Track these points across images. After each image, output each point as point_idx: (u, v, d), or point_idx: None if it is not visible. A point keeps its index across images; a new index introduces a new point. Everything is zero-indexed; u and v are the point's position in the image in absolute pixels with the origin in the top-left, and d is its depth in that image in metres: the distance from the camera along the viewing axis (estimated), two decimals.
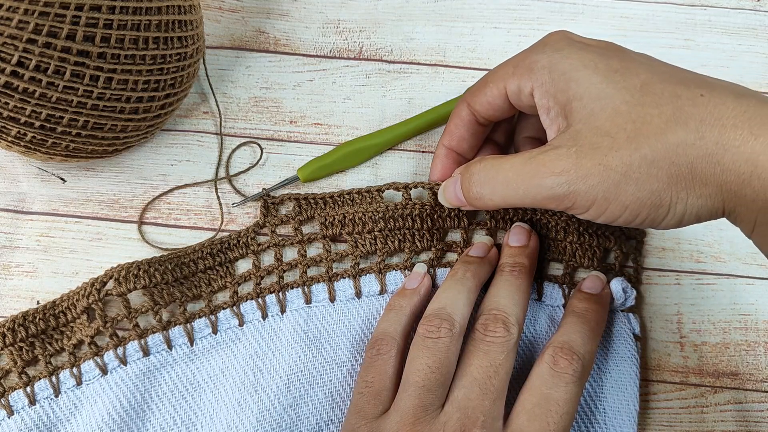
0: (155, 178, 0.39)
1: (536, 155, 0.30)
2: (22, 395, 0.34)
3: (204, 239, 0.38)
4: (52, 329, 0.35)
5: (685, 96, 0.28)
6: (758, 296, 0.38)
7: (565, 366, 0.31)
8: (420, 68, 0.42)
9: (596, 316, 0.33)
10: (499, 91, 0.33)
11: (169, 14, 0.33)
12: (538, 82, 0.31)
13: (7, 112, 0.31)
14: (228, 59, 0.42)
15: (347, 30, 0.43)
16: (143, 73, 0.33)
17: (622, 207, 0.29)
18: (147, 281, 0.35)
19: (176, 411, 0.35)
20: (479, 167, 0.32)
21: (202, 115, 0.41)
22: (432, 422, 0.30)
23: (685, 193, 0.28)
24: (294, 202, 0.38)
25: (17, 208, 0.39)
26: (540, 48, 0.32)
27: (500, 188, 0.31)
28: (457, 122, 0.36)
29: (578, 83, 0.30)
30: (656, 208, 0.28)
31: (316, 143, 0.40)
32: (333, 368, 0.35)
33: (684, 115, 0.28)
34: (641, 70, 0.29)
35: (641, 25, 0.43)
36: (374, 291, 0.37)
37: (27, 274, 0.38)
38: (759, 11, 0.43)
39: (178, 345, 0.36)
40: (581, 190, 0.29)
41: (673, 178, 0.28)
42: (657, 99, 0.28)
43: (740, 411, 0.36)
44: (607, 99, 0.29)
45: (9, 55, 0.29)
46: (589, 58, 0.30)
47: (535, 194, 0.30)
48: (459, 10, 0.43)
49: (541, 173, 0.29)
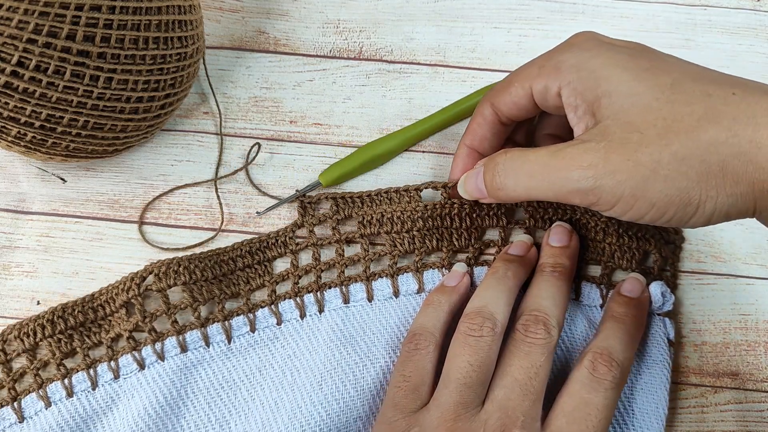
0: (155, 178, 0.39)
1: (563, 148, 0.30)
2: (60, 387, 0.34)
3: (204, 238, 0.38)
4: (90, 322, 0.36)
5: (716, 94, 0.28)
6: (758, 296, 0.38)
7: (604, 372, 0.31)
8: (420, 68, 0.42)
9: (635, 321, 0.33)
10: (525, 91, 0.33)
11: (169, 14, 0.33)
12: (566, 81, 0.31)
13: (7, 112, 0.31)
14: (228, 59, 0.42)
15: (347, 30, 0.43)
16: (143, 73, 0.33)
17: (650, 204, 0.28)
18: (187, 278, 0.35)
19: (211, 408, 0.35)
20: (505, 158, 0.32)
21: (202, 115, 0.41)
22: (472, 420, 0.30)
23: (715, 192, 0.27)
24: (331, 201, 0.38)
25: (17, 208, 0.39)
26: (567, 48, 0.32)
27: (524, 179, 0.31)
28: (480, 121, 0.36)
29: (608, 81, 0.29)
30: (684, 206, 0.28)
31: (316, 143, 0.40)
32: (366, 366, 0.35)
33: (716, 113, 0.27)
34: (671, 69, 0.29)
35: (641, 25, 0.43)
36: (412, 290, 0.37)
37: (27, 274, 0.38)
38: (759, 11, 0.43)
39: (216, 342, 0.36)
40: (608, 185, 0.28)
41: (703, 176, 0.27)
42: (688, 97, 0.28)
43: (740, 411, 0.36)
44: (638, 96, 0.29)
45: (9, 55, 0.29)
46: (618, 57, 0.30)
47: (560, 187, 0.29)
48: (459, 10, 0.43)
49: (567, 166, 0.29)
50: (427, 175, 0.40)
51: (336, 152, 0.40)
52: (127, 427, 0.34)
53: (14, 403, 0.34)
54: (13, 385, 0.35)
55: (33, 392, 0.34)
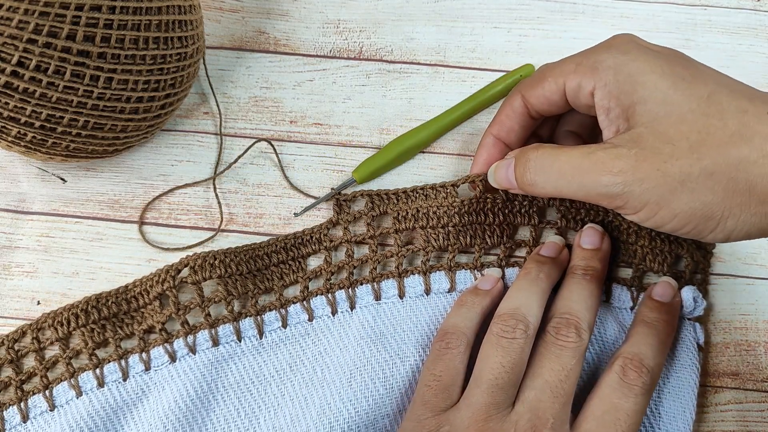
0: (155, 178, 0.39)
1: (595, 151, 0.30)
2: (91, 377, 0.35)
3: (204, 238, 0.38)
4: (123, 313, 0.36)
5: (751, 112, 0.28)
6: (758, 296, 0.38)
7: (634, 378, 0.31)
8: (420, 68, 0.42)
9: (666, 327, 0.33)
10: (558, 87, 0.33)
11: (169, 14, 0.33)
12: (602, 82, 0.31)
13: (7, 112, 0.31)
14: (228, 59, 0.42)
15: (347, 30, 0.43)
16: (143, 73, 0.33)
17: (672, 215, 0.29)
18: (222, 271, 0.35)
19: (240, 403, 0.35)
20: (537, 154, 0.32)
21: (202, 115, 0.41)
22: (503, 420, 0.30)
23: (738, 209, 0.28)
24: (367, 198, 0.38)
25: (17, 208, 0.39)
26: (605, 48, 0.32)
27: (554, 178, 0.31)
28: (509, 113, 0.36)
29: (645, 87, 0.29)
30: (706, 220, 0.28)
31: (316, 143, 0.40)
32: (396, 363, 0.35)
33: (749, 131, 0.28)
34: (709, 80, 0.29)
35: (641, 25, 0.43)
36: (444, 288, 0.37)
37: (27, 274, 0.38)
38: (759, 11, 0.43)
39: (248, 337, 0.36)
40: (635, 192, 0.29)
41: (729, 192, 0.28)
42: (723, 111, 0.28)
43: (740, 411, 0.36)
44: (673, 105, 0.29)
45: (9, 55, 0.29)
46: (657, 63, 0.30)
47: (589, 190, 0.30)
48: (459, 10, 0.43)
49: (598, 170, 0.29)
50: (449, 174, 0.40)
51: (336, 152, 0.40)
52: (156, 419, 0.34)
53: (46, 392, 0.35)
54: (45, 373, 0.35)
55: (65, 381, 0.35)
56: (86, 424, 0.34)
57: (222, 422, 0.34)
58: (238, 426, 0.34)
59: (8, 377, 0.35)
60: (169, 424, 0.34)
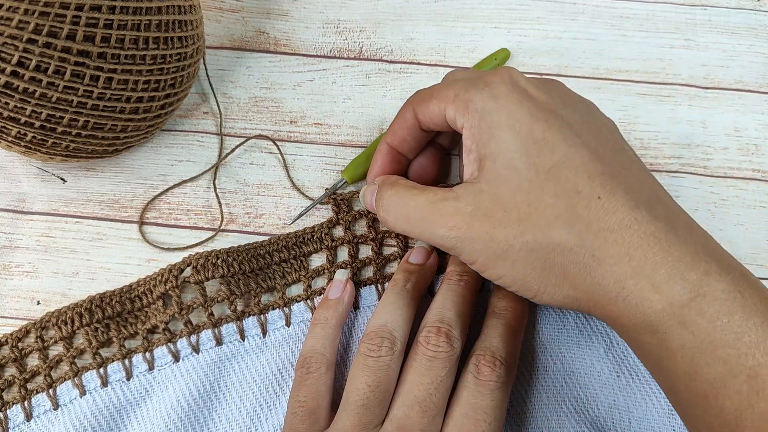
0: (155, 178, 0.39)
1: (438, 202, 0.31)
2: (95, 376, 0.35)
3: (204, 238, 0.38)
4: (127, 312, 0.36)
5: (584, 194, 0.28)
6: None
7: (488, 374, 0.31)
8: (420, 68, 0.42)
9: (515, 314, 0.33)
10: (440, 110, 0.33)
11: (169, 14, 0.33)
12: (468, 123, 0.31)
13: (7, 112, 0.31)
14: (228, 59, 0.42)
15: (347, 30, 0.43)
16: (143, 73, 0.33)
17: (497, 276, 0.30)
18: (225, 270, 0.36)
19: (243, 402, 0.35)
20: (390, 194, 0.33)
21: (202, 115, 0.41)
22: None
23: (552, 288, 0.29)
24: None
25: (17, 208, 0.39)
26: (483, 86, 0.31)
27: (402, 221, 0.32)
28: (401, 123, 0.35)
29: (498, 143, 0.30)
30: (525, 290, 0.30)
31: (316, 143, 0.40)
32: None
33: (573, 216, 0.28)
34: (560, 147, 0.29)
35: (641, 25, 0.43)
36: None
37: (27, 274, 0.38)
38: (759, 11, 0.43)
39: (251, 336, 0.36)
40: (466, 249, 0.30)
41: (546, 272, 0.29)
42: (558, 188, 0.29)
43: None
44: (515, 171, 0.29)
45: (9, 55, 0.29)
46: (517, 116, 0.30)
47: (429, 238, 0.31)
48: (459, 10, 0.43)
49: (437, 222, 0.30)
50: None
51: (336, 152, 0.40)
52: (159, 419, 0.34)
53: (49, 390, 0.35)
54: (49, 372, 0.35)
55: (68, 380, 0.35)
56: (89, 423, 0.34)
57: (224, 421, 0.34)
58: (240, 425, 0.34)
59: (12, 376, 0.35)
60: (171, 423, 0.34)
